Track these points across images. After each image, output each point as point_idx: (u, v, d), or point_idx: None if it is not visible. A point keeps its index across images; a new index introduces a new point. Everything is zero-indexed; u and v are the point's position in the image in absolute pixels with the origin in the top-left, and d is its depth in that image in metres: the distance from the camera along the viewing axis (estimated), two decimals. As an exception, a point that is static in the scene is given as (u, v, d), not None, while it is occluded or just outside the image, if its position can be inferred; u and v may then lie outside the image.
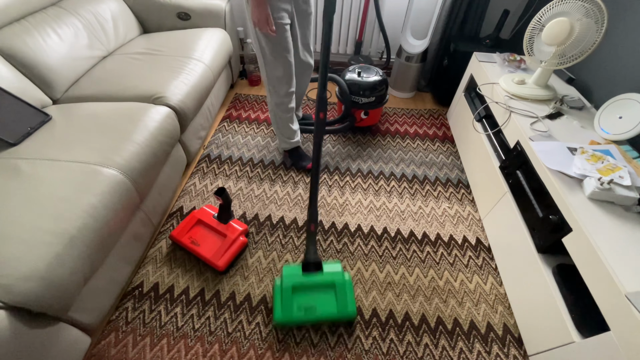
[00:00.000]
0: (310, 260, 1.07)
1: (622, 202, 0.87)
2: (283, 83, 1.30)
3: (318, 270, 1.07)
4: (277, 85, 1.31)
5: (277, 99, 1.36)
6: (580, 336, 0.80)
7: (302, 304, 1.01)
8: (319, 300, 1.02)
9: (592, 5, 1.07)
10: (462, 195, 1.49)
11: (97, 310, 0.96)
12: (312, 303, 1.01)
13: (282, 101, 1.36)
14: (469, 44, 1.82)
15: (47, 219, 0.81)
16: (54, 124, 1.14)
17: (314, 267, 1.07)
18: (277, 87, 1.32)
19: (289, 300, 1.01)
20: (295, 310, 1.00)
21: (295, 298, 1.02)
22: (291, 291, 1.02)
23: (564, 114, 1.21)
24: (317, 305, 1.01)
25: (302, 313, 1.00)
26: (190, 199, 1.43)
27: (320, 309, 1.01)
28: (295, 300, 1.01)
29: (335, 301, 1.02)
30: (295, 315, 0.99)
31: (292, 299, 1.01)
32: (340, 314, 1.00)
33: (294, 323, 1.03)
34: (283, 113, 1.41)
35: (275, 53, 1.21)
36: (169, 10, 1.78)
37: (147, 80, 1.36)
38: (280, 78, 1.28)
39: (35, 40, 1.26)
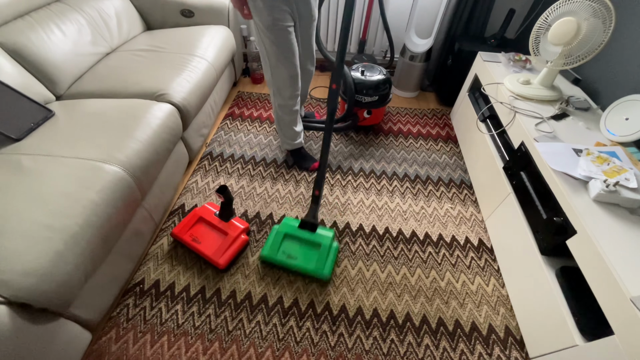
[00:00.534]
0: (308, 219, 1.20)
1: (628, 204, 0.86)
2: (287, 86, 1.28)
3: (312, 230, 1.19)
4: (281, 88, 1.29)
5: (281, 101, 1.34)
6: (584, 340, 0.79)
7: (287, 251, 1.16)
8: (303, 253, 1.15)
9: (599, 4, 1.06)
10: (465, 196, 1.49)
11: (98, 307, 0.96)
12: (296, 253, 1.15)
13: (286, 104, 1.35)
14: (474, 43, 1.80)
15: (49, 215, 0.81)
16: (56, 120, 1.14)
17: (310, 226, 1.20)
18: (281, 89, 1.30)
19: (278, 243, 1.16)
20: (280, 252, 1.15)
21: (284, 244, 1.18)
22: (282, 237, 1.18)
23: (569, 115, 1.19)
24: (299, 257, 1.14)
25: (284, 257, 1.14)
26: (192, 197, 1.43)
27: (300, 260, 1.14)
28: (284, 245, 1.17)
29: (315, 259, 1.13)
30: (278, 257, 1.14)
31: (281, 244, 1.17)
32: (315, 271, 1.11)
33: (276, 262, 1.15)
34: (286, 115, 1.40)
35: (280, 56, 1.19)
36: (173, 7, 1.77)
37: (150, 77, 1.36)
38: (284, 81, 1.26)
39: (39, 36, 1.27)
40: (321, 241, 1.16)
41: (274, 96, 1.35)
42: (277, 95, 1.33)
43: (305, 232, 1.19)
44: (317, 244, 1.16)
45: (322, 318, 1.07)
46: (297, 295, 1.12)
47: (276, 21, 1.10)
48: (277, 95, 1.33)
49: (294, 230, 1.20)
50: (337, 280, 1.16)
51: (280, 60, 1.20)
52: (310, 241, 1.17)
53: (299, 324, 1.05)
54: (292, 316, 1.07)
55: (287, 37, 1.15)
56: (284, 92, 1.31)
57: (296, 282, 1.15)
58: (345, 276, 1.18)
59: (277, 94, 1.33)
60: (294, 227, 1.20)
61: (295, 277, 1.17)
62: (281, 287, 1.14)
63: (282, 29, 1.13)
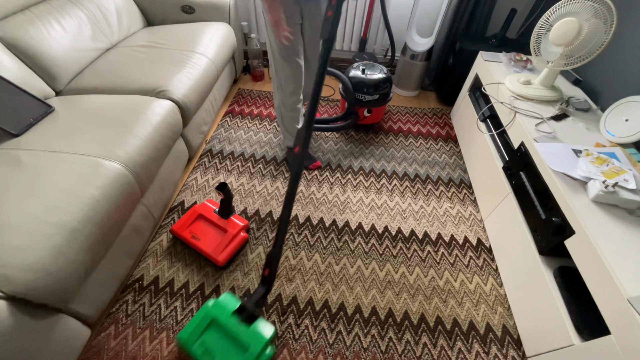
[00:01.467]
0: (247, 305, 0.92)
1: (626, 205, 0.86)
2: (290, 82, 1.30)
3: (248, 323, 0.92)
4: (284, 83, 1.31)
5: (283, 96, 1.36)
6: (580, 339, 0.80)
7: (207, 343, 0.90)
8: (223, 353, 0.88)
9: (601, 5, 1.06)
10: (464, 196, 1.49)
11: (98, 303, 0.96)
12: (215, 349, 0.89)
13: (288, 100, 1.36)
14: (475, 43, 1.80)
15: (49, 211, 0.81)
16: (56, 115, 1.14)
17: (247, 316, 0.92)
18: (283, 85, 1.32)
19: (201, 329, 0.91)
20: (198, 343, 0.89)
21: (208, 332, 0.91)
22: (207, 322, 0.92)
23: (569, 116, 1.20)
24: (217, 356, 0.88)
25: (200, 351, 0.88)
26: (192, 194, 1.43)
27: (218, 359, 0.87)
28: (207, 334, 0.91)
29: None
30: (194, 348, 0.89)
31: (205, 331, 0.91)
32: None
33: (189, 353, 0.89)
34: (288, 112, 1.41)
35: (284, 54, 1.22)
36: (173, 3, 1.77)
37: (150, 73, 1.35)
38: (287, 77, 1.29)
39: (39, 31, 1.26)
40: (250, 343, 0.88)
41: (277, 91, 1.37)
42: (280, 90, 1.35)
43: (237, 323, 0.91)
44: (244, 345, 0.88)
45: (320, 316, 1.07)
46: (295, 293, 1.12)
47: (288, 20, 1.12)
48: (279, 90, 1.35)
49: (225, 317, 0.92)
50: (336, 278, 1.17)
51: (284, 58, 1.23)
52: (237, 339, 0.89)
53: (297, 322, 1.05)
54: (290, 314, 1.07)
55: (296, 36, 1.17)
56: (286, 87, 1.32)
57: (295, 280, 1.15)
58: (344, 274, 1.18)
59: (280, 90, 1.34)
60: (228, 312, 0.93)
61: (294, 274, 1.17)
62: (280, 285, 1.14)
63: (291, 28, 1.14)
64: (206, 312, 0.93)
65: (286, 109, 1.40)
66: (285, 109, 1.40)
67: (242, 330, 0.90)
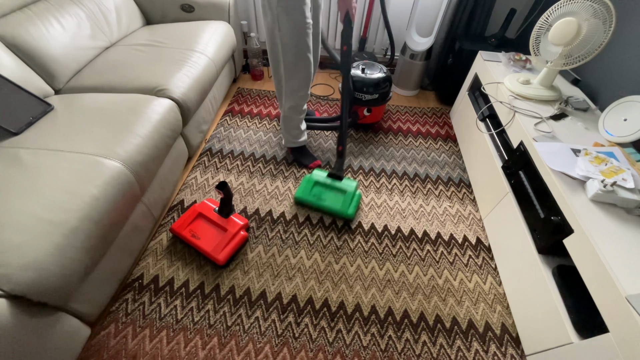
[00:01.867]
0: (334, 172, 1.41)
1: (625, 204, 0.87)
2: (303, 85, 1.30)
3: (338, 179, 1.40)
4: (296, 89, 1.30)
5: (293, 102, 1.36)
6: (579, 337, 0.80)
7: (317, 194, 1.36)
8: (330, 197, 1.36)
9: (600, 5, 1.06)
10: (464, 195, 1.49)
11: (97, 301, 0.96)
12: (324, 197, 1.36)
13: (297, 104, 1.36)
14: (475, 42, 1.80)
15: (49, 209, 0.81)
16: (56, 114, 1.14)
17: (336, 177, 1.41)
18: (296, 90, 1.31)
19: (309, 188, 1.37)
20: (311, 195, 1.35)
21: (314, 189, 1.38)
22: (313, 183, 1.39)
23: (568, 115, 1.20)
24: (327, 199, 1.34)
25: (315, 199, 1.34)
26: (192, 193, 1.42)
27: (328, 202, 1.34)
28: (314, 190, 1.38)
29: (341, 202, 1.33)
30: (309, 198, 1.35)
31: (312, 189, 1.38)
32: (340, 210, 1.31)
33: (307, 202, 1.36)
34: (296, 115, 1.42)
35: (300, 54, 1.19)
36: (173, 2, 1.76)
37: (150, 72, 1.35)
38: (301, 80, 1.27)
39: (38, 29, 1.25)
40: (346, 188, 1.36)
41: (287, 97, 1.35)
42: (291, 96, 1.33)
43: (332, 181, 1.39)
44: (342, 190, 1.36)
45: (320, 314, 1.07)
46: (295, 292, 1.12)
47: (307, 20, 1.11)
48: (290, 96, 1.33)
49: (323, 179, 1.40)
50: (336, 277, 1.17)
51: (300, 58, 1.20)
52: (337, 188, 1.37)
53: (297, 320, 1.06)
54: (290, 312, 1.07)
55: (309, 34, 1.16)
56: (299, 92, 1.31)
57: (295, 279, 1.16)
58: (344, 273, 1.18)
59: (291, 95, 1.33)
60: (323, 176, 1.41)
61: (294, 273, 1.17)
62: (280, 284, 1.14)
63: (308, 27, 1.13)
64: (309, 178, 1.41)
65: (296, 112, 1.40)
66: (294, 113, 1.40)
67: (337, 184, 1.39)
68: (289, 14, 1.09)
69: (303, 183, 1.39)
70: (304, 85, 1.30)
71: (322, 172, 1.43)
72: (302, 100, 1.36)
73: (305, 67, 1.23)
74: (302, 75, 1.26)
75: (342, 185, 1.38)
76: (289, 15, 1.09)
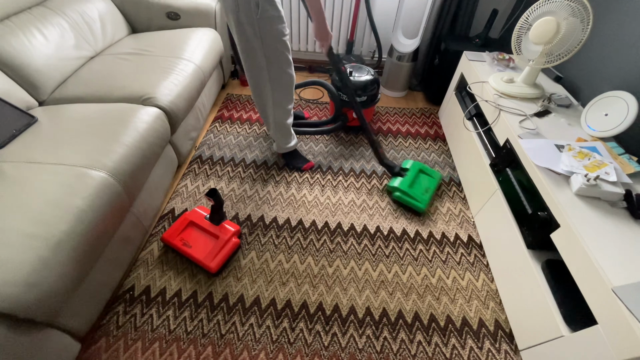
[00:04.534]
0: (394, 169, 1.51)
1: (608, 197, 0.89)
2: (291, 90, 1.33)
3: (400, 175, 1.49)
4: (286, 93, 1.32)
5: (284, 106, 1.36)
6: (569, 330, 0.82)
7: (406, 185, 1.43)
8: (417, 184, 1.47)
9: (577, 4, 1.09)
10: (454, 193, 1.51)
11: (87, 315, 0.94)
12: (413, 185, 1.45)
13: (286, 108, 1.38)
14: (459, 43, 1.83)
15: (33, 223, 0.80)
16: (39, 126, 1.12)
17: (398, 172, 1.50)
18: (286, 95, 1.33)
19: (395, 183, 1.45)
20: (402, 186, 1.42)
21: (401, 182, 1.44)
22: (394, 183, 1.45)
23: (551, 112, 1.22)
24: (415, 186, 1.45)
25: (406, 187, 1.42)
26: (182, 201, 1.41)
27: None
28: (401, 183, 1.44)
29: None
30: (401, 187, 1.42)
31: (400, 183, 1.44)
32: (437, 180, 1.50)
33: (399, 190, 1.42)
34: (287, 117, 1.42)
35: (285, 60, 1.22)
36: (158, 10, 1.75)
37: (136, 80, 1.34)
38: (288, 85, 1.30)
39: (20, 40, 1.24)
40: (434, 176, 1.52)
41: (277, 106, 1.35)
42: (280, 104, 1.35)
43: (410, 176, 1.47)
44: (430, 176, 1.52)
45: (315, 318, 1.07)
46: (289, 297, 1.12)
47: (282, 29, 1.13)
48: (279, 104, 1.35)
49: (404, 181, 1.45)
50: (330, 280, 1.17)
51: (289, 66, 1.24)
52: (419, 178, 1.50)
53: (292, 325, 1.05)
54: (285, 318, 1.07)
55: (289, 44, 1.20)
56: (288, 95, 1.34)
57: (289, 284, 1.15)
58: (338, 276, 1.18)
59: (280, 103, 1.34)
60: (402, 181, 1.45)
61: (288, 278, 1.17)
62: (274, 290, 1.13)
63: (286, 37, 1.16)
64: (391, 184, 1.45)
65: (287, 115, 1.41)
66: (286, 116, 1.41)
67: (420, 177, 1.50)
68: (272, 24, 1.10)
69: (392, 182, 1.45)
70: (291, 91, 1.33)
71: (396, 179, 1.46)
72: (291, 103, 1.39)
73: (290, 73, 1.27)
74: (287, 81, 1.29)
75: (427, 175, 1.51)
76: (272, 25, 1.10)
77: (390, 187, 1.44)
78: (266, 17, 1.07)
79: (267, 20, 1.08)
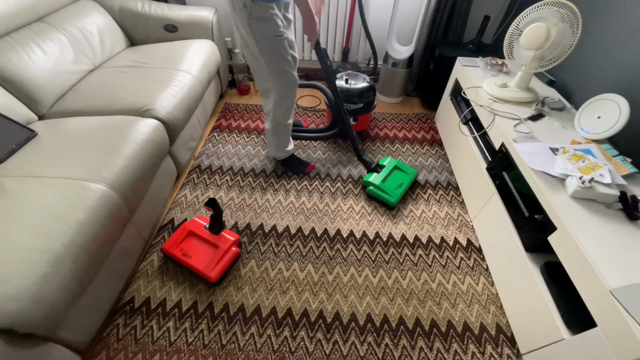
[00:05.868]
0: (369, 164, 1.56)
1: (604, 199, 0.90)
2: (292, 92, 1.34)
3: (374, 170, 1.54)
4: (286, 95, 1.33)
5: (282, 110, 1.37)
6: (570, 333, 0.82)
7: (379, 180, 1.47)
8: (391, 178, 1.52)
9: (566, 10, 1.11)
10: (452, 197, 1.52)
11: (87, 328, 0.94)
12: (387, 180, 1.50)
13: (285, 112, 1.39)
14: (453, 49, 1.86)
15: (33, 237, 0.80)
16: (39, 140, 1.13)
17: (374, 167, 1.54)
18: (285, 97, 1.34)
19: (370, 178, 1.49)
20: (375, 180, 1.47)
21: (374, 177, 1.49)
22: (369, 177, 1.49)
23: (545, 115, 1.24)
24: (388, 181, 1.51)
25: (379, 182, 1.47)
26: (182, 211, 1.42)
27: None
28: (374, 178, 1.49)
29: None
30: (373, 181, 1.47)
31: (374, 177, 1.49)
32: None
33: (371, 184, 1.46)
34: (287, 120, 1.43)
35: (285, 63, 1.24)
36: (156, 23, 1.78)
37: (135, 93, 1.36)
38: (289, 86, 1.31)
39: (20, 56, 1.26)
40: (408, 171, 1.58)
41: (277, 105, 1.37)
42: (280, 104, 1.36)
43: (384, 171, 1.53)
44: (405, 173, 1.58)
45: (316, 326, 1.07)
46: (290, 305, 1.12)
47: (280, 29, 1.15)
48: (279, 104, 1.36)
49: (377, 176, 1.50)
50: (330, 287, 1.17)
51: (288, 65, 1.25)
52: (394, 174, 1.56)
53: (293, 334, 1.05)
54: (286, 326, 1.06)
55: (286, 43, 1.21)
56: (288, 98, 1.35)
57: (289, 292, 1.15)
58: (338, 283, 1.18)
59: (280, 103, 1.36)
60: (376, 176, 1.50)
61: (288, 286, 1.17)
62: (274, 298, 1.13)
63: (284, 36, 1.18)
64: (367, 179, 1.49)
65: (286, 118, 1.42)
66: (285, 119, 1.42)
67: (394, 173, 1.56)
68: (262, 24, 1.12)
69: (368, 177, 1.49)
70: (291, 92, 1.34)
71: (370, 175, 1.50)
72: (291, 108, 1.40)
73: (288, 72, 1.27)
74: (286, 80, 1.29)
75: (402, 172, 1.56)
76: (263, 25, 1.13)
77: (365, 182, 1.49)
78: (256, 17, 1.10)
79: (257, 20, 1.11)
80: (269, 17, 1.10)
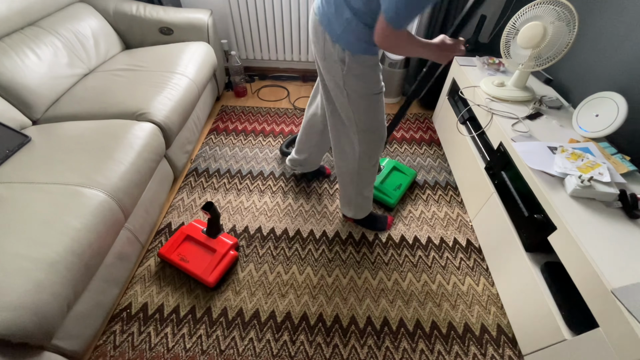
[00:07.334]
0: None
1: (603, 198, 0.89)
2: (379, 147, 1.12)
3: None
4: (374, 151, 1.12)
5: (368, 164, 1.15)
6: (571, 333, 0.81)
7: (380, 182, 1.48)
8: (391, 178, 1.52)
9: (563, 8, 1.11)
10: (451, 198, 1.51)
11: (83, 336, 0.93)
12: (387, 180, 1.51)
13: (372, 166, 1.17)
14: (450, 48, 1.85)
15: (27, 245, 0.79)
16: (33, 145, 1.11)
17: None
18: (374, 154, 1.12)
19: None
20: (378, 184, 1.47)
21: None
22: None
23: (543, 114, 1.24)
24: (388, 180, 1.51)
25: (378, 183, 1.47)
26: (179, 215, 1.40)
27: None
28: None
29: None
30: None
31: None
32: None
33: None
34: (371, 175, 1.21)
35: (380, 120, 1.06)
36: (151, 26, 1.77)
37: (130, 96, 1.35)
38: (378, 142, 1.10)
39: (13, 61, 1.24)
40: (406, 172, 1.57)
41: (362, 160, 1.13)
42: (366, 159, 1.13)
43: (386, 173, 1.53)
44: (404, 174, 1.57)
45: (315, 330, 1.06)
46: (289, 309, 1.11)
47: (380, 84, 1.00)
48: (365, 159, 1.13)
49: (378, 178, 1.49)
50: (329, 290, 1.16)
51: (381, 122, 1.07)
52: (393, 175, 1.55)
53: (292, 338, 1.04)
54: (285, 330, 1.05)
55: (383, 98, 1.04)
56: (376, 154, 1.14)
57: (288, 296, 1.14)
58: (337, 286, 1.17)
59: (366, 158, 1.13)
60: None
61: (287, 290, 1.15)
62: (273, 302, 1.12)
63: (383, 90, 1.02)
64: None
65: (372, 173, 1.20)
66: (371, 174, 1.20)
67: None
68: (360, 79, 0.94)
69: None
70: (380, 146, 1.12)
71: None
72: (377, 164, 1.18)
73: (384, 127, 1.09)
74: (381, 135, 1.09)
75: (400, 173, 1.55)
76: (361, 81, 0.95)
77: None
78: (352, 74, 0.92)
79: (354, 77, 0.93)
80: (370, 70, 0.93)
